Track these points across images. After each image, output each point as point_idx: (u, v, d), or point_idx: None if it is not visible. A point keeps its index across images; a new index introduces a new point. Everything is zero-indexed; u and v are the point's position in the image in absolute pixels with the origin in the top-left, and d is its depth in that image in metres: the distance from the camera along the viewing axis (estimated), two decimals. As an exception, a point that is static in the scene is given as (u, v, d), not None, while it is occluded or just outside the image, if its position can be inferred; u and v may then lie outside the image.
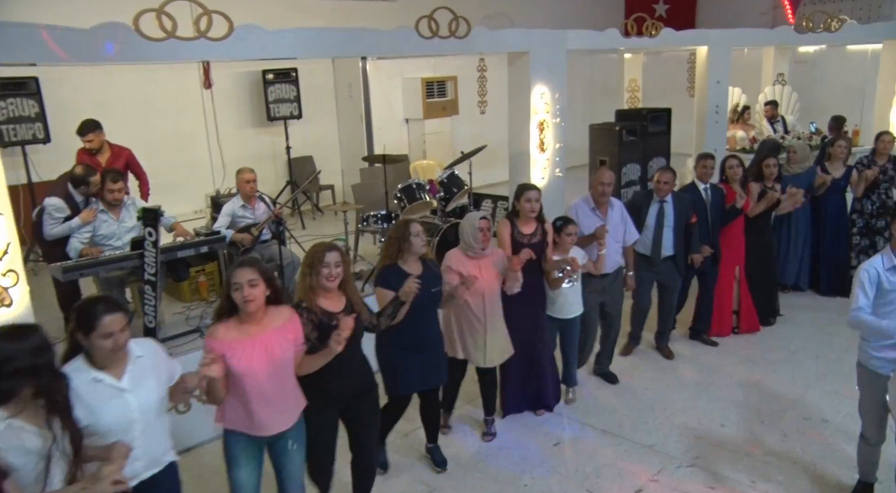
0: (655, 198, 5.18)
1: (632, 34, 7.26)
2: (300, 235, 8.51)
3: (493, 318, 4.16)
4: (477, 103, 11.16)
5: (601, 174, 4.85)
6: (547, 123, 6.85)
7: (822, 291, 6.68)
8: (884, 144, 6.38)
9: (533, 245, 4.34)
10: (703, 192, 5.45)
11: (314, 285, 3.16)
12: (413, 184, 6.24)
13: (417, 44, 5.70)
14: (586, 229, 4.71)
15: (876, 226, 6.53)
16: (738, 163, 5.63)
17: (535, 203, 4.32)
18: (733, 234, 5.67)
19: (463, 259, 4.09)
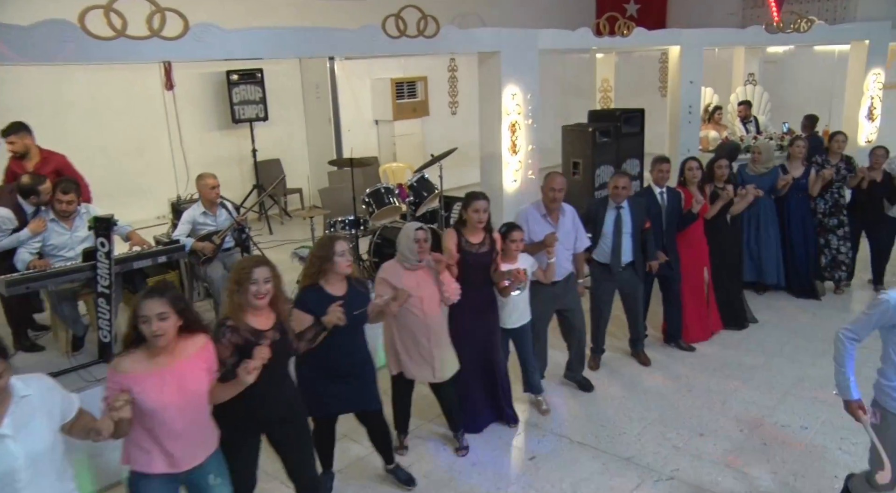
0: (611, 204, 4.99)
1: (604, 34, 7.15)
2: (268, 241, 8.28)
3: (437, 331, 3.99)
4: (448, 104, 10.99)
5: (552, 180, 4.63)
6: (519, 125, 6.72)
7: (794, 292, 6.65)
8: (838, 144, 6.44)
9: (481, 255, 4.17)
10: (659, 196, 5.31)
11: (242, 303, 2.96)
12: (382, 188, 6.05)
13: (385, 43, 5.51)
14: (537, 236, 4.55)
15: (828, 225, 6.52)
16: (697, 165, 5.50)
17: (482, 214, 4.12)
18: (696, 237, 5.56)
19: (399, 272, 3.89)
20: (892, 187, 6.33)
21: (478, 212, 4.11)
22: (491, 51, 6.33)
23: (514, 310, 4.44)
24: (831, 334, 5.83)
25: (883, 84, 8.71)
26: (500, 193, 6.72)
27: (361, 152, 9.47)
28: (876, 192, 6.35)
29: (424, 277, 3.93)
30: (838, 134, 6.56)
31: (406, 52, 5.82)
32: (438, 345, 4.01)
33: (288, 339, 3.13)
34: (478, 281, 4.17)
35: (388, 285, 3.83)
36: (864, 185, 6.30)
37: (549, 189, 4.62)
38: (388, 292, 3.78)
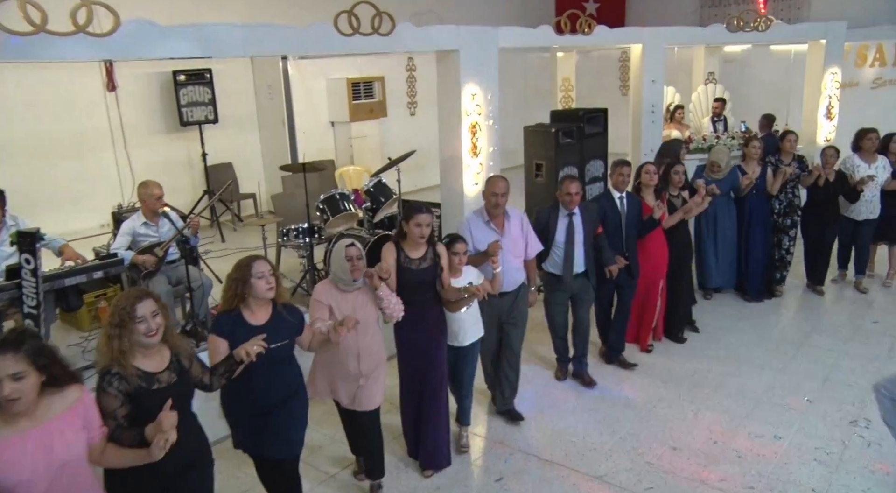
0: (563, 211, 4.69)
1: (565, 31, 6.96)
2: (219, 249, 7.90)
3: (368, 357, 3.59)
4: (406, 105, 10.71)
5: (494, 184, 4.28)
6: (479, 126, 6.47)
7: (747, 295, 6.51)
8: (790, 144, 6.35)
9: (422, 271, 3.80)
10: (619, 201, 5.06)
11: (126, 348, 2.53)
12: (336, 194, 5.74)
13: (337, 42, 5.21)
14: (482, 245, 4.19)
15: (783, 225, 6.44)
16: (654, 169, 5.28)
17: (425, 228, 3.72)
18: (655, 246, 5.31)
19: (334, 293, 3.51)
20: (849, 186, 6.26)
21: (420, 226, 3.71)
22: (449, 49, 6.08)
23: (463, 327, 4.07)
24: (799, 337, 5.80)
25: (840, 83, 8.72)
26: (461, 198, 6.47)
27: (317, 155, 9.15)
28: (830, 192, 6.28)
29: (362, 298, 3.55)
30: (790, 133, 6.47)
31: (360, 51, 5.52)
32: (368, 373, 3.60)
33: (188, 377, 2.74)
34: (420, 299, 3.79)
35: (324, 309, 3.47)
36: (821, 182, 6.22)
37: (491, 194, 4.26)
38: (326, 313, 3.43)
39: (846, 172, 6.35)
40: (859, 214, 6.44)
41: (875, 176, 6.23)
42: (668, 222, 5.35)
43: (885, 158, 6.41)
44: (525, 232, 4.44)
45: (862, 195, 6.25)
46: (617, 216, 5.04)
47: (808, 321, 6.15)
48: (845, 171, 6.37)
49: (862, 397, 4.80)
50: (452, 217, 6.61)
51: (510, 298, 4.40)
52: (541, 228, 4.67)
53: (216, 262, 7.39)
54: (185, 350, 2.77)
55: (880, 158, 6.39)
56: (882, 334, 5.80)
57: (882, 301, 6.54)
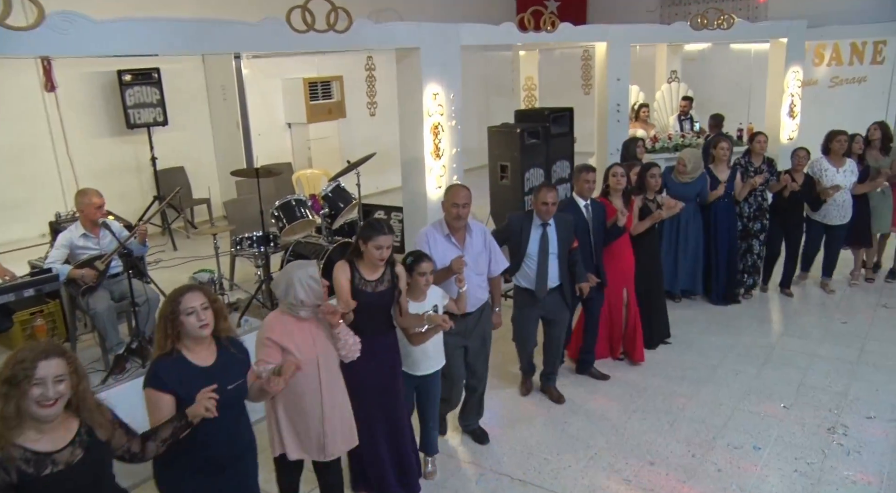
0: (537, 221, 4.35)
1: (529, 29, 6.76)
2: (171, 259, 7.52)
3: (333, 399, 3.16)
4: (366, 105, 10.40)
5: (454, 193, 3.84)
6: (442, 127, 6.24)
7: (713, 299, 6.38)
8: (760, 145, 6.22)
9: (379, 294, 3.42)
10: (585, 209, 4.74)
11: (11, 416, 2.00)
12: (292, 200, 5.43)
13: (290, 38, 4.92)
14: (442, 261, 3.81)
15: (752, 229, 6.31)
16: (622, 172, 5.02)
17: (385, 251, 3.34)
18: (619, 252, 5.05)
19: (288, 325, 3.03)
20: (814, 192, 6.15)
21: (380, 249, 3.33)
22: (410, 47, 5.83)
23: (424, 356, 3.71)
24: (771, 341, 5.69)
25: (802, 81, 8.72)
26: (424, 201, 6.23)
27: (274, 158, 8.80)
28: (797, 195, 6.16)
29: (321, 328, 3.13)
30: (759, 134, 6.33)
31: (315, 49, 5.23)
32: (333, 416, 3.17)
33: (103, 451, 2.22)
34: (376, 325, 3.45)
35: (275, 351, 2.97)
36: (786, 194, 6.10)
37: (452, 205, 3.82)
38: (276, 357, 2.94)
39: (814, 176, 6.24)
40: (832, 219, 6.30)
41: (841, 186, 6.10)
42: (637, 228, 5.14)
43: (852, 160, 6.32)
44: (488, 247, 4.06)
45: (832, 200, 6.13)
46: (584, 226, 4.72)
47: (779, 324, 6.07)
48: (813, 174, 6.25)
49: (837, 402, 4.69)
50: (415, 222, 6.37)
51: (473, 318, 4.03)
52: (511, 237, 4.38)
53: (168, 272, 7.02)
54: (103, 422, 2.22)
55: (848, 161, 6.27)
56: (852, 335, 5.73)
57: (847, 302, 6.49)
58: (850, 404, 4.66)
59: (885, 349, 5.46)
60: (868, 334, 5.76)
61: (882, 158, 6.47)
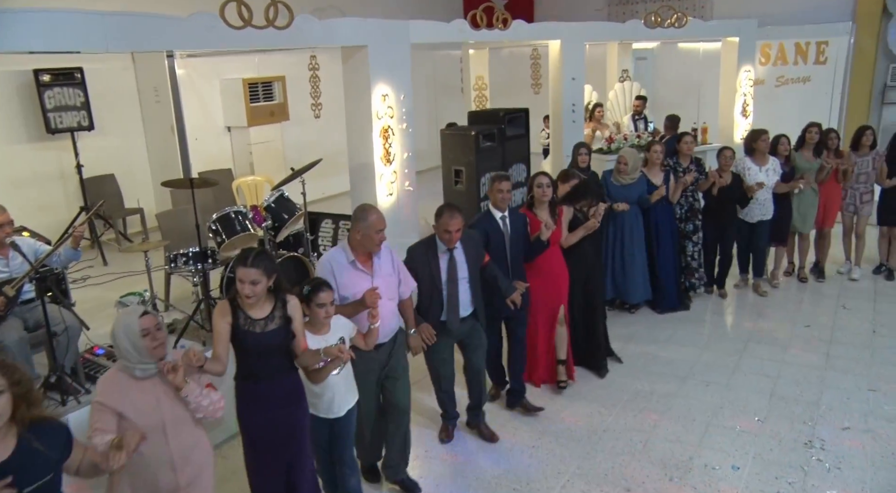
0: (442, 248, 3.87)
1: (481, 26, 6.47)
2: (101, 274, 6.93)
3: (187, 465, 2.69)
4: (310, 106, 9.92)
5: (366, 214, 3.37)
6: (392, 130, 5.89)
7: (661, 307, 6.14)
8: (687, 146, 6.06)
9: (270, 334, 2.96)
10: (501, 222, 4.31)
11: None
12: (231, 212, 4.97)
13: (225, 35, 4.49)
14: (348, 290, 3.39)
15: (685, 230, 6.14)
16: (548, 182, 4.57)
17: (253, 287, 2.86)
18: (550, 267, 4.62)
19: (125, 385, 2.56)
20: (742, 190, 6.02)
21: (244, 283, 2.87)
22: (356, 45, 5.45)
23: (337, 393, 3.28)
24: (737, 347, 5.53)
25: (753, 81, 8.68)
26: (376, 209, 5.85)
27: (213, 164, 8.28)
28: (727, 195, 6.03)
29: (169, 385, 2.60)
30: (686, 135, 6.19)
31: (253, 47, 4.81)
32: (189, 482, 2.70)
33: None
34: (271, 368, 3.02)
35: (110, 416, 2.49)
36: (715, 191, 5.96)
37: (376, 231, 3.37)
38: (111, 425, 2.47)
39: (741, 176, 6.11)
40: (753, 217, 6.24)
41: (765, 183, 6.02)
42: (568, 241, 4.74)
43: (776, 159, 6.23)
44: (397, 268, 3.64)
45: (754, 198, 6.06)
46: (500, 239, 4.27)
47: (743, 329, 5.90)
48: (738, 173, 6.12)
49: (811, 413, 4.53)
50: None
51: (387, 348, 3.61)
52: (419, 271, 3.84)
53: (97, 290, 6.46)
54: None
55: (771, 159, 6.19)
56: (817, 340, 5.62)
57: (808, 304, 6.41)
58: (824, 415, 4.51)
59: (850, 353, 5.36)
60: (832, 337, 5.66)
61: (814, 160, 6.41)
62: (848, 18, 11.12)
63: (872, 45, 11.22)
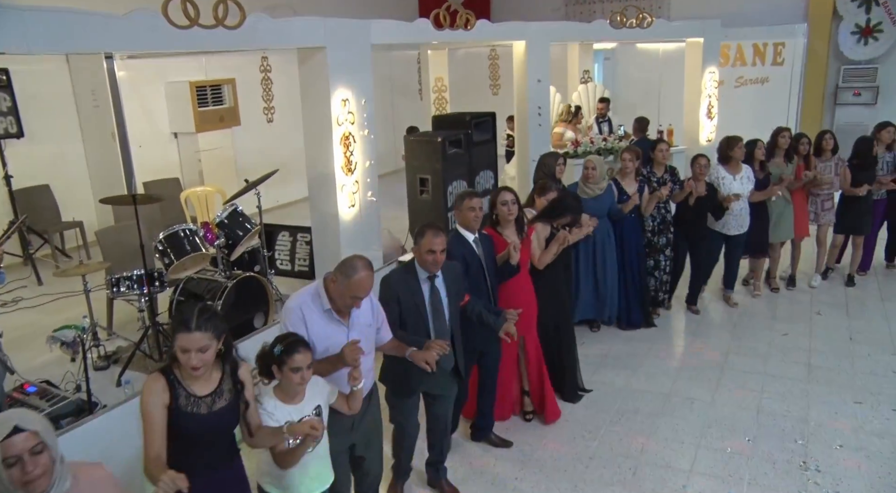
0: (422, 274, 3.35)
1: (445, 26, 6.15)
2: (35, 295, 6.36)
3: None
4: (262, 110, 9.42)
5: (351, 271, 2.80)
6: (353, 137, 5.51)
7: (627, 324, 5.80)
8: (662, 154, 5.73)
9: (218, 414, 2.43)
10: (475, 245, 3.81)
11: None
12: (181, 231, 4.51)
13: (167, 35, 4.05)
14: (323, 343, 2.89)
15: (658, 244, 5.81)
16: (513, 198, 4.06)
17: (201, 355, 2.32)
18: (516, 292, 4.13)
19: None
20: (716, 201, 5.73)
21: (188, 352, 2.31)
22: (315, 46, 5.06)
23: (306, 475, 2.75)
24: (717, 360, 5.34)
25: (718, 82, 8.58)
26: (336, 222, 5.48)
27: (159, 173, 7.74)
28: (701, 205, 5.70)
29: None
30: (661, 143, 5.87)
31: (202, 48, 4.39)
32: None
33: None
34: (216, 456, 2.51)
35: None
36: (692, 201, 5.65)
37: (351, 296, 2.82)
38: None
39: (715, 184, 5.80)
40: (730, 229, 5.94)
41: (741, 194, 5.73)
42: (542, 260, 4.35)
43: (749, 167, 5.96)
44: (377, 315, 3.12)
45: (729, 210, 5.77)
46: (478, 265, 3.78)
47: (720, 341, 5.70)
48: (712, 182, 5.80)
49: (801, 430, 4.36)
50: (325, 245, 5.62)
51: (362, 407, 3.07)
52: (402, 304, 3.31)
53: (30, 314, 5.93)
54: None
55: (744, 167, 5.91)
56: (796, 349, 5.47)
57: (783, 311, 6.29)
58: (814, 433, 4.33)
59: (831, 363, 5.23)
60: (811, 346, 5.52)
61: (785, 165, 6.24)
62: (801, 20, 11.20)
63: (824, 47, 11.34)
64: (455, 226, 3.93)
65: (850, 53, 11.30)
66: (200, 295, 4.57)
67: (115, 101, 7.69)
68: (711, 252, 6.13)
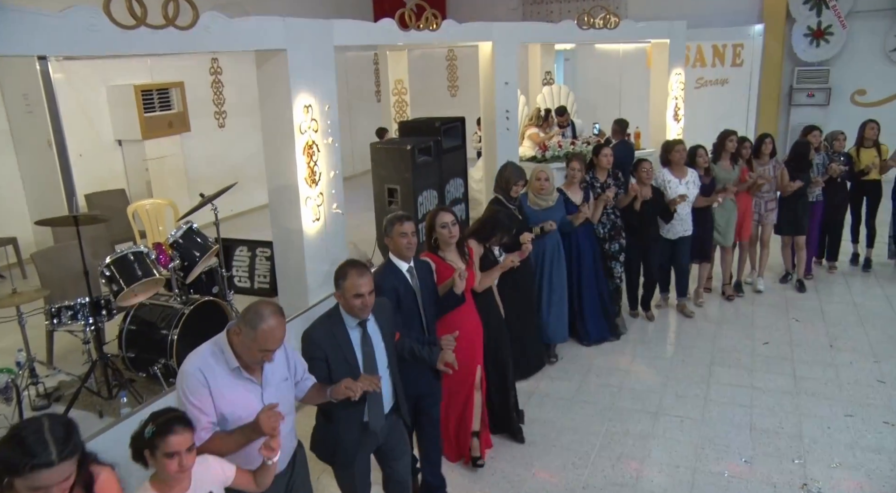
0: (350, 321, 2.87)
1: (411, 27, 5.83)
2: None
3: None
4: (213, 115, 8.91)
5: (257, 321, 2.34)
6: (317, 146, 5.15)
7: (585, 340, 5.52)
8: (606, 159, 5.51)
9: None
10: (409, 274, 3.37)
11: None
12: (130, 254, 4.06)
13: (110, 37, 3.63)
14: (232, 409, 2.42)
15: (610, 251, 5.62)
16: (453, 219, 3.68)
17: (59, 488, 1.81)
18: (461, 319, 3.70)
19: None
20: (664, 204, 5.58)
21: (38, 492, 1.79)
22: (274, 48, 4.68)
23: None
24: (701, 373, 5.15)
25: (683, 83, 8.48)
26: (300, 238, 5.10)
27: (103, 184, 7.20)
28: (649, 210, 5.56)
29: None
30: (604, 147, 5.65)
31: (148, 51, 3.96)
32: None
33: None
34: None
35: None
36: (638, 205, 5.50)
37: (259, 349, 2.37)
38: None
39: (659, 189, 5.68)
40: (674, 233, 5.83)
41: (686, 195, 5.62)
42: (483, 283, 4.02)
43: (695, 171, 5.83)
44: (293, 366, 2.66)
45: (676, 213, 5.66)
46: (412, 299, 3.34)
47: (701, 352, 5.53)
48: (658, 186, 5.69)
49: (796, 448, 4.19)
50: (288, 262, 5.24)
51: (283, 479, 2.65)
52: (330, 357, 2.81)
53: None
54: None
55: (690, 171, 5.79)
56: (779, 359, 5.35)
57: (760, 318, 6.17)
58: (810, 450, 4.17)
59: (816, 373, 5.11)
60: (794, 355, 5.40)
61: (731, 169, 6.15)
62: (756, 21, 11.27)
63: (779, 49, 11.45)
64: (389, 256, 3.40)
65: (803, 55, 11.44)
66: (154, 323, 4.13)
67: (50, 105, 7.08)
68: (661, 259, 5.96)
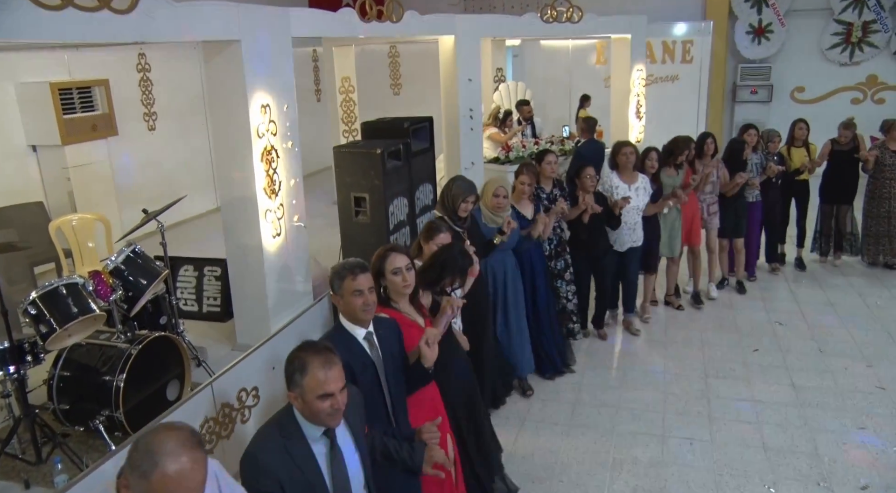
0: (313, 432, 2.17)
1: (371, 18, 5.28)
2: None
3: None
4: (143, 116, 8.05)
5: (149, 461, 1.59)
6: (276, 152, 4.54)
7: (548, 373, 5.01)
8: (550, 167, 5.07)
9: None
10: (366, 343, 2.65)
11: None
12: (62, 286, 3.32)
13: (28, 19, 2.95)
14: None
15: (556, 269, 5.18)
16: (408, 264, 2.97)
17: None
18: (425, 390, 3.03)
19: None
20: (610, 211, 5.16)
21: None
22: (227, 39, 4.05)
23: None
24: (699, 389, 4.81)
25: (645, 80, 8.24)
26: (259, 255, 4.47)
27: (16, 195, 6.29)
28: (595, 219, 5.12)
29: None
30: (548, 154, 5.17)
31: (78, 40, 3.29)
32: None
33: None
34: None
35: None
36: (586, 218, 5.06)
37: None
38: None
39: (605, 194, 5.27)
40: (623, 244, 5.45)
41: (630, 197, 5.22)
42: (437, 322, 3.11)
43: (645, 177, 5.49)
44: None
45: (623, 223, 5.26)
46: (371, 375, 2.62)
47: (695, 364, 5.24)
48: (605, 192, 5.31)
49: (818, 468, 3.92)
50: (245, 282, 4.61)
51: None
52: (280, 487, 2.05)
53: None
54: None
55: (641, 177, 5.43)
56: (774, 368, 5.11)
57: (744, 321, 5.96)
58: (832, 471, 3.90)
59: (815, 383, 4.89)
60: (787, 363, 5.18)
61: (675, 174, 5.82)
62: (700, 18, 11.24)
63: (723, 46, 11.48)
64: (340, 320, 2.67)
65: (745, 52, 11.52)
66: (94, 368, 3.44)
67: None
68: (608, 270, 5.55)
